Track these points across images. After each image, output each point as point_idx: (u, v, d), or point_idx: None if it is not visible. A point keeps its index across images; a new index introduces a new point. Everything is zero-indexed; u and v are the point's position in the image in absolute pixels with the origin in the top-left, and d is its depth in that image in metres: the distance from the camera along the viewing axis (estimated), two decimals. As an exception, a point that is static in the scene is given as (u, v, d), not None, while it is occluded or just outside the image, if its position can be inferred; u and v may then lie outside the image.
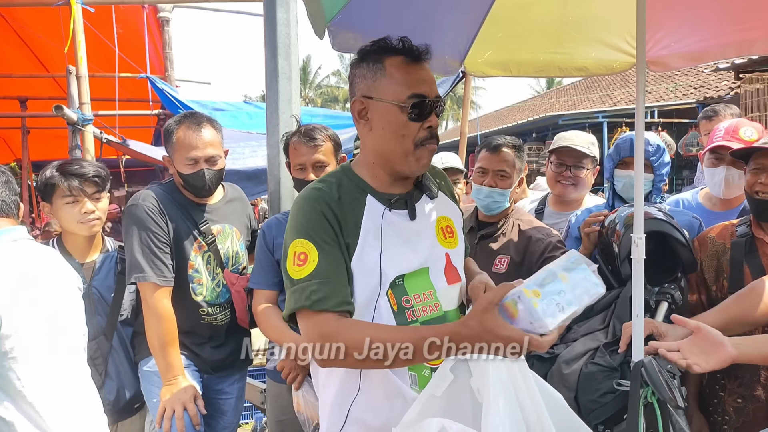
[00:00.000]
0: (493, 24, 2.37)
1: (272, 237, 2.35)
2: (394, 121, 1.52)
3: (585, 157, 2.82)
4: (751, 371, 2.00)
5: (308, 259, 1.48)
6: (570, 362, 2.05)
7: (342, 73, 44.59)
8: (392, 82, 1.51)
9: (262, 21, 2.75)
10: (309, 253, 1.48)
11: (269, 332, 2.29)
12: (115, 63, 5.68)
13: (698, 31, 2.35)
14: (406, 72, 1.52)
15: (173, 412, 2.19)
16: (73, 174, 2.24)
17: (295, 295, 1.47)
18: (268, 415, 2.47)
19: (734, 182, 2.50)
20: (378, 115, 1.53)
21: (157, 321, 2.25)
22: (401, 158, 1.54)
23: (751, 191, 2.08)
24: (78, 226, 2.28)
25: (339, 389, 1.56)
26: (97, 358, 2.29)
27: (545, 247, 2.39)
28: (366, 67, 1.55)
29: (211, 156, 2.36)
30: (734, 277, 2.08)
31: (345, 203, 1.54)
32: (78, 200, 2.26)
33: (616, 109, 12.79)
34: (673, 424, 1.70)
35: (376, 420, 1.54)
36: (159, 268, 2.28)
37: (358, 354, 1.39)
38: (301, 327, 1.48)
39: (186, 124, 2.36)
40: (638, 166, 1.84)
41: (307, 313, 1.45)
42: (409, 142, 1.53)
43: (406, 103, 1.50)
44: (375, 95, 1.53)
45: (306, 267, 1.47)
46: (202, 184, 2.36)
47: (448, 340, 1.33)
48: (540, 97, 24.04)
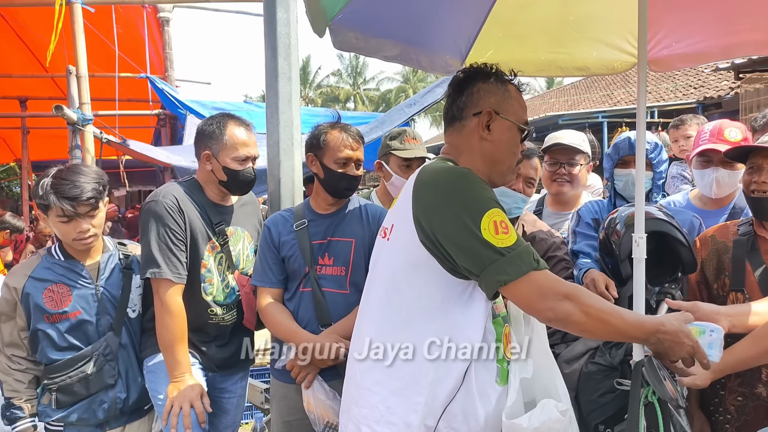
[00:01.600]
0: (494, 23, 2.37)
1: (278, 234, 2.33)
2: (513, 139, 1.71)
3: (577, 153, 2.84)
4: (752, 369, 2.01)
5: (509, 227, 1.50)
6: (570, 362, 2.05)
7: (342, 73, 44.61)
8: (517, 106, 1.72)
9: (262, 21, 2.74)
10: (507, 221, 1.51)
11: (279, 331, 2.28)
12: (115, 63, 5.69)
13: (699, 31, 2.35)
14: (521, 100, 1.75)
15: (180, 409, 2.20)
16: (66, 197, 2.14)
17: (520, 260, 1.47)
18: (274, 416, 2.45)
19: (724, 182, 2.57)
20: (501, 129, 1.68)
21: (170, 318, 2.26)
22: (506, 170, 1.73)
23: (748, 190, 2.10)
24: (74, 243, 2.24)
25: (434, 386, 1.56)
26: (108, 354, 2.27)
27: (548, 246, 2.41)
28: (495, 85, 1.71)
29: (256, 157, 2.45)
30: (736, 274, 2.10)
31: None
32: (72, 220, 2.20)
33: (616, 109, 12.78)
34: (673, 423, 1.70)
35: (474, 414, 1.58)
36: (174, 265, 2.28)
37: (607, 316, 1.50)
38: (533, 288, 1.47)
39: (235, 122, 2.43)
40: (639, 165, 1.85)
41: (536, 274, 1.47)
42: (515, 158, 1.74)
43: (524, 127, 1.72)
44: (502, 112, 1.68)
45: (511, 234, 1.49)
46: (249, 181, 2.43)
47: (655, 329, 1.52)
48: (540, 97, 24.03)
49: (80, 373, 2.21)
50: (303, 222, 2.32)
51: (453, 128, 1.72)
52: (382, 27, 2.18)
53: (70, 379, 2.21)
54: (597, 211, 2.56)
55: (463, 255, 1.49)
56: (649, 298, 2.02)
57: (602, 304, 1.51)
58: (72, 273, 2.27)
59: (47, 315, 2.20)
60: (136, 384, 2.35)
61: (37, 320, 2.20)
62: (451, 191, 1.53)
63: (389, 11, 2.13)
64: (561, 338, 2.22)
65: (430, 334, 1.55)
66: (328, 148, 2.30)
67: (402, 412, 1.55)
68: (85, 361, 2.23)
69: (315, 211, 2.36)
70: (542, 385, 1.68)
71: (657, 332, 1.51)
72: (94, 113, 4.72)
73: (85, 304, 2.25)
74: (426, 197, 1.55)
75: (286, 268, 2.32)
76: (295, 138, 2.69)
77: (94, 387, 2.24)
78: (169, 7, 6.83)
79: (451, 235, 1.49)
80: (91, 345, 2.25)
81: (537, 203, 3.09)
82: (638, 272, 1.77)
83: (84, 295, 2.26)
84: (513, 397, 1.60)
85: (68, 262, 2.28)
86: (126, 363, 2.33)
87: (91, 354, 2.24)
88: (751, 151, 2.11)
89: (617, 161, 2.57)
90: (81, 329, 2.24)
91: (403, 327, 1.58)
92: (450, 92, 1.75)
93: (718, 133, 2.57)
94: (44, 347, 2.21)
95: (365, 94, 44.01)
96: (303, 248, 2.28)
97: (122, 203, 12.53)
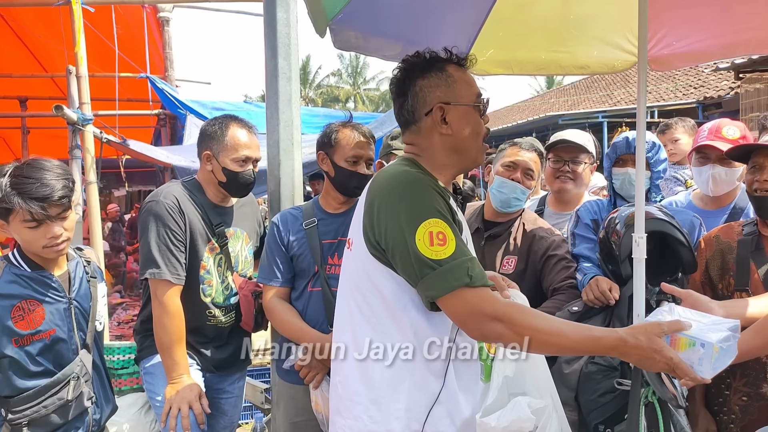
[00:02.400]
0: (494, 22, 2.36)
1: (287, 232, 2.31)
2: (472, 120, 1.64)
3: (582, 151, 2.84)
4: (757, 369, 2.01)
5: (447, 238, 1.45)
6: (570, 362, 2.05)
7: (342, 73, 44.61)
8: (464, 86, 1.64)
9: (262, 21, 2.74)
10: (446, 232, 1.46)
11: (286, 330, 2.27)
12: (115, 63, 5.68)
13: (699, 30, 2.35)
14: (466, 76, 1.67)
15: (178, 410, 2.19)
16: (34, 198, 1.82)
17: (450, 275, 1.42)
18: (281, 418, 2.43)
19: (721, 179, 2.56)
20: (457, 118, 1.62)
21: (168, 318, 2.25)
22: (476, 152, 1.66)
23: (750, 189, 2.10)
24: (43, 251, 1.91)
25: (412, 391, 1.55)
26: (85, 375, 2.02)
27: (549, 245, 2.41)
28: (436, 75, 1.63)
29: (257, 159, 2.44)
30: (740, 274, 2.10)
31: (444, 192, 1.56)
32: (42, 224, 1.87)
33: (616, 109, 12.77)
34: (674, 423, 1.70)
35: (459, 414, 1.57)
36: (174, 266, 2.28)
37: (546, 336, 1.42)
38: (460, 306, 1.43)
39: (237, 124, 2.42)
40: (639, 165, 1.84)
41: (466, 292, 1.42)
42: (481, 137, 1.67)
43: (478, 103, 1.64)
44: (453, 101, 1.62)
45: (448, 246, 1.44)
46: (248, 183, 2.42)
47: (613, 345, 1.42)
48: (540, 97, 24.03)
49: (57, 400, 1.92)
50: (313, 221, 2.30)
51: (410, 131, 1.67)
52: (382, 26, 2.18)
53: (45, 410, 1.90)
54: (596, 211, 2.55)
55: (401, 265, 1.48)
56: (649, 298, 2.01)
57: (541, 323, 1.43)
58: (42, 285, 1.94)
59: (17, 338, 1.86)
60: (109, 403, 2.19)
61: (3, 346, 1.85)
62: (396, 199, 1.50)
63: (389, 11, 2.14)
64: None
65: (400, 339, 1.54)
66: (338, 147, 2.29)
67: (384, 420, 1.54)
68: (61, 386, 1.93)
69: (325, 210, 2.35)
70: (525, 382, 1.66)
71: (616, 348, 1.42)
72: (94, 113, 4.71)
73: (59, 320, 1.96)
74: (373, 206, 1.53)
75: (294, 266, 2.31)
76: (295, 138, 2.69)
77: (73, 413, 1.97)
78: (169, 7, 6.82)
79: (391, 245, 1.48)
80: (66, 367, 1.96)
81: (538, 203, 3.09)
82: (638, 272, 1.77)
83: (57, 310, 1.96)
84: (493, 396, 1.60)
85: (36, 273, 1.94)
86: (97, 382, 2.10)
87: (67, 377, 1.95)
88: (753, 150, 2.10)
89: (614, 160, 2.57)
90: (54, 350, 1.95)
91: (375, 335, 1.56)
92: (394, 96, 1.69)
93: (717, 130, 2.57)
94: (10, 376, 1.86)
95: (365, 94, 44.02)
96: (312, 247, 2.26)
97: (122, 203, 12.54)
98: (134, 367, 2.61)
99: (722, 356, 1.44)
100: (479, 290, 1.43)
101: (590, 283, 2.20)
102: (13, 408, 1.86)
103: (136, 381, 2.62)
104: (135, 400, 2.56)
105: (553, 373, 2.04)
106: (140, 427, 2.48)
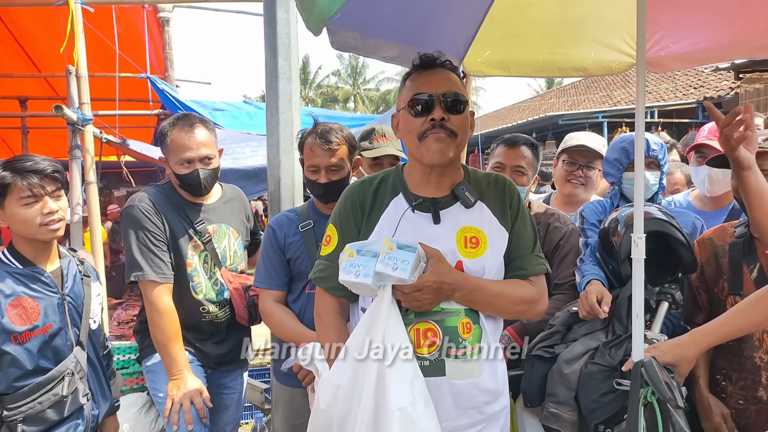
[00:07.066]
0: (492, 24, 2.36)
1: (284, 235, 2.31)
2: (407, 122, 1.71)
3: (597, 157, 2.84)
4: (753, 373, 2.00)
5: (331, 242, 1.78)
6: (570, 362, 2.05)
7: (342, 73, 44.57)
8: (405, 92, 1.73)
9: (262, 21, 2.74)
10: (332, 237, 1.78)
11: (285, 333, 2.27)
12: (115, 63, 5.68)
13: (697, 32, 2.34)
14: (415, 80, 1.72)
15: (180, 406, 2.21)
16: (29, 171, 1.90)
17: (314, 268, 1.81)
18: (279, 421, 2.44)
19: (717, 179, 2.56)
20: (403, 122, 1.74)
21: (159, 317, 2.28)
22: (416, 152, 1.71)
23: (737, 194, 2.08)
24: (40, 230, 1.93)
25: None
26: (80, 371, 2.03)
27: (562, 235, 2.40)
28: (401, 88, 1.77)
29: (206, 156, 2.40)
30: (733, 278, 2.08)
31: (378, 196, 1.75)
32: (39, 200, 1.92)
33: (616, 110, 12.77)
34: (672, 423, 1.70)
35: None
36: (158, 266, 2.31)
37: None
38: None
39: (179, 125, 2.39)
40: (639, 165, 1.85)
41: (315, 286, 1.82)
42: (414, 136, 1.69)
43: (409, 104, 1.69)
44: (398, 108, 1.76)
45: (327, 248, 1.78)
46: (197, 183, 2.40)
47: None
48: (540, 98, 24.02)
49: (52, 396, 1.93)
50: (309, 223, 2.30)
51: None
52: (380, 27, 2.17)
53: (40, 405, 1.91)
54: (601, 212, 2.54)
55: None
56: (649, 298, 2.02)
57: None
58: (35, 281, 1.97)
59: (15, 335, 1.88)
60: (107, 399, 2.20)
61: (1, 342, 1.87)
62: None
63: (388, 11, 2.13)
64: (561, 338, 2.22)
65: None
66: (304, 155, 2.30)
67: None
68: (56, 381, 1.95)
69: (320, 212, 2.34)
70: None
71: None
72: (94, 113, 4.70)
73: (54, 316, 1.98)
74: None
75: (291, 269, 2.31)
76: (295, 138, 2.70)
77: (69, 409, 1.98)
78: (169, 7, 6.82)
79: None
80: (61, 363, 1.98)
81: (543, 201, 3.08)
82: (637, 272, 1.77)
83: (51, 305, 1.98)
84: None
85: (28, 269, 1.97)
86: (94, 379, 2.13)
87: (62, 373, 1.97)
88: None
89: (627, 164, 2.54)
90: (51, 346, 1.97)
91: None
92: None
93: (716, 130, 2.55)
94: (9, 374, 1.88)
95: (365, 94, 43.99)
96: (309, 249, 2.26)
97: (122, 203, 12.53)
98: (134, 367, 2.62)
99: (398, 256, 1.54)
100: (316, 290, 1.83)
101: (581, 296, 2.17)
102: (8, 405, 1.88)
103: (136, 381, 2.64)
104: (135, 400, 2.57)
105: (553, 373, 2.06)
106: (140, 427, 2.50)
